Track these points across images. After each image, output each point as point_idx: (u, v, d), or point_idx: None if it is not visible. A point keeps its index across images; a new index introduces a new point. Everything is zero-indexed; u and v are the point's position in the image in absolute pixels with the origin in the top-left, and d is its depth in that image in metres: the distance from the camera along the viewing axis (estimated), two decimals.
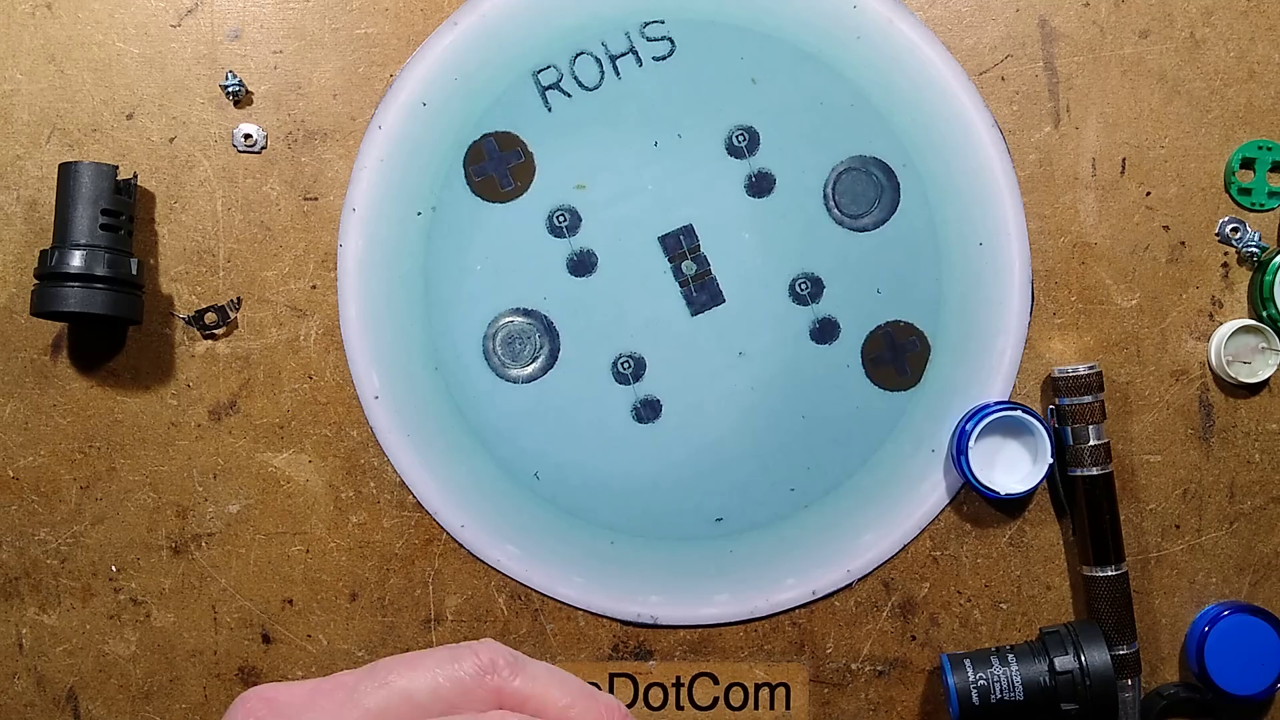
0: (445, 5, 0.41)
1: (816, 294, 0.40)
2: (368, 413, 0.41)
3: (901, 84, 0.41)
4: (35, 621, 0.41)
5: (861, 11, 0.41)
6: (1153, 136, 0.41)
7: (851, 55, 0.40)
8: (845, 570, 0.40)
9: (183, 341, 0.41)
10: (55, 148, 0.41)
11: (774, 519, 0.41)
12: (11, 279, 0.41)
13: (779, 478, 0.41)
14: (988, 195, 0.40)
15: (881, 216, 0.41)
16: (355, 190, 0.41)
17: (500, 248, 0.41)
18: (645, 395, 0.41)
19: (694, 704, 0.41)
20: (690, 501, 0.41)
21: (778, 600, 0.40)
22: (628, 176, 0.41)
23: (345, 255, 0.41)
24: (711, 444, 0.41)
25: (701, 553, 0.41)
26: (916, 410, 0.40)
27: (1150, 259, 0.41)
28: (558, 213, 0.41)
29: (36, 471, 0.41)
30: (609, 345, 0.41)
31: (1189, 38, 0.41)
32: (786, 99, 0.41)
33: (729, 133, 0.41)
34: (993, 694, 0.37)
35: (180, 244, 0.41)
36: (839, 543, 0.41)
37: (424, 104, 0.40)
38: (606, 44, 0.41)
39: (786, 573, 0.41)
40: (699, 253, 0.41)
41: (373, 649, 0.41)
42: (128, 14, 0.41)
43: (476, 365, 0.41)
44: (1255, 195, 0.40)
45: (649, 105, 0.41)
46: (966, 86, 0.40)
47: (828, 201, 0.40)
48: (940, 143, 0.41)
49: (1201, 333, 0.41)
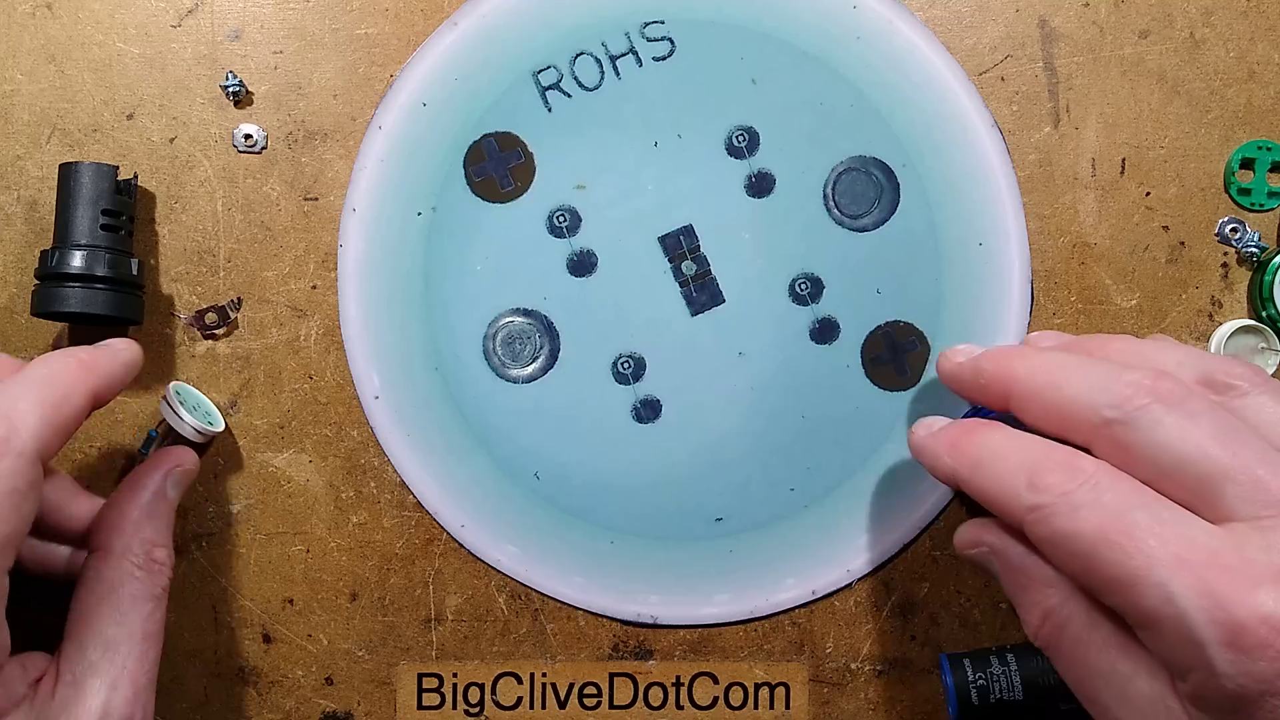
0: (445, 5, 0.41)
1: (816, 294, 0.41)
2: (368, 413, 0.41)
3: (901, 84, 0.41)
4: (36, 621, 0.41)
5: (861, 12, 0.41)
6: (1152, 137, 0.41)
7: (851, 56, 0.41)
8: (845, 570, 0.40)
9: (183, 342, 0.41)
10: (55, 148, 0.41)
11: (774, 519, 0.41)
12: (12, 279, 0.41)
13: (779, 478, 0.41)
14: (987, 195, 0.40)
15: (881, 217, 0.41)
16: (355, 190, 0.41)
17: (500, 248, 0.41)
18: (645, 395, 0.41)
19: (694, 704, 0.41)
20: (690, 501, 0.41)
21: (778, 600, 0.41)
22: (628, 177, 0.41)
23: (345, 256, 0.41)
24: (711, 444, 0.41)
25: (701, 552, 0.41)
26: (916, 410, 0.40)
27: (1150, 259, 0.41)
28: (558, 213, 0.41)
29: None
30: (609, 345, 0.41)
31: (1189, 38, 0.41)
32: (786, 99, 0.41)
33: (729, 133, 0.41)
34: (992, 694, 0.37)
35: (180, 244, 0.41)
36: (839, 543, 0.41)
37: (424, 104, 0.41)
38: (607, 44, 0.41)
39: (786, 573, 0.41)
40: (699, 253, 0.41)
41: (373, 648, 0.41)
42: (128, 14, 0.41)
43: (477, 365, 0.41)
44: (1255, 195, 0.41)
45: (649, 105, 0.41)
46: (966, 87, 0.41)
47: (827, 202, 0.40)
48: (940, 143, 0.41)
49: (1201, 333, 0.41)
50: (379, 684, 0.41)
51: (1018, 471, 0.29)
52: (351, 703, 0.41)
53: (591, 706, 0.41)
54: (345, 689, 0.41)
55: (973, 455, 0.31)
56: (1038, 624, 0.30)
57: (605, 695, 0.41)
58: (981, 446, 0.30)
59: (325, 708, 0.41)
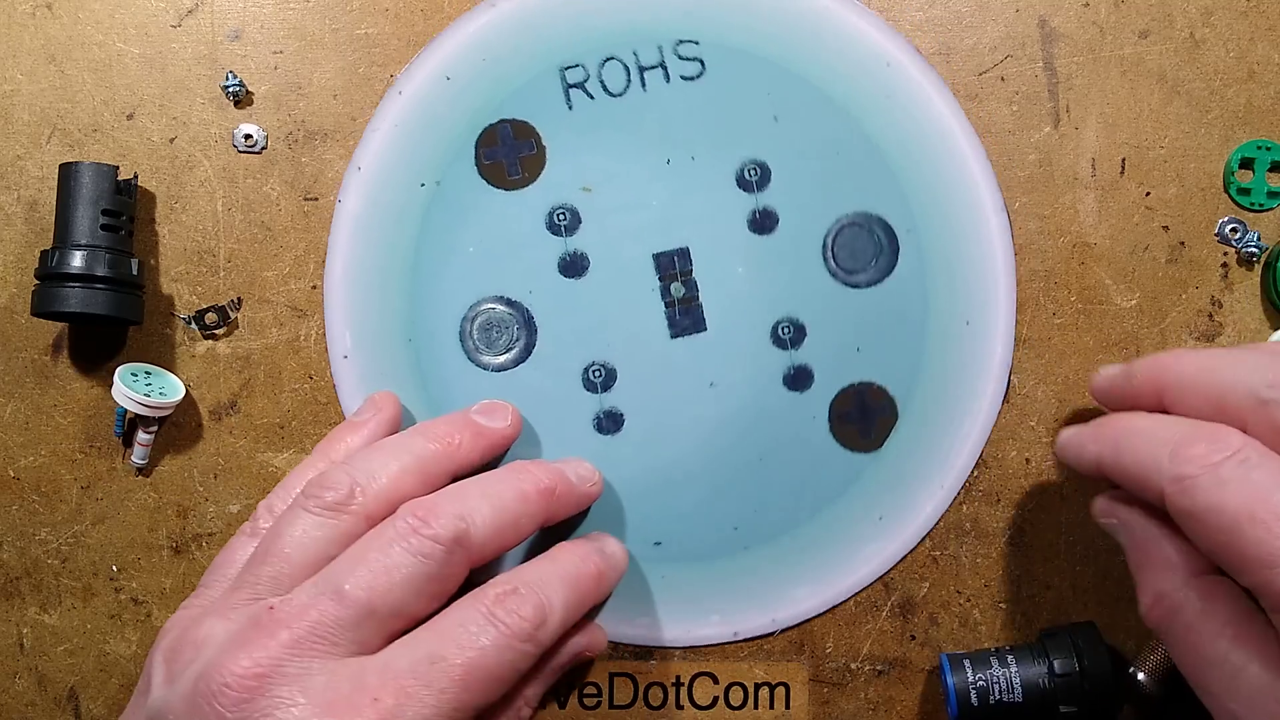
0: (445, 5, 0.41)
1: (797, 340, 0.40)
2: (334, 371, 0.40)
3: (921, 150, 0.40)
4: (36, 621, 0.41)
5: (895, 71, 0.40)
6: (1152, 137, 0.41)
7: (878, 112, 0.40)
8: (771, 619, 0.40)
9: (183, 342, 0.41)
10: (56, 148, 0.41)
11: (712, 554, 0.40)
12: (12, 279, 0.41)
13: (724, 514, 0.40)
14: (984, 277, 0.40)
15: (875, 277, 0.40)
16: (364, 149, 0.41)
17: (496, 234, 0.41)
18: (610, 407, 0.40)
19: (694, 704, 0.41)
20: (634, 520, 0.40)
21: (698, 634, 0.40)
22: (635, 188, 0.41)
23: (342, 211, 0.40)
24: (664, 467, 0.40)
25: (635, 572, 0.40)
26: (873, 475, 0.40)
27: (1150, 259, 0.41)
28: (559, 210, 0.41)
29: (37, 471, 0.41)
30: (584, 351, 0.41)
31: (1189, 38, 0.41)
32: (805, 142, 0.40)
33: (742, 164, 0.40)
34: (992, 695, 0.37)
35: (180, 244, 0.41)
36: (770, 590, 0.40)
37: (448, 78, 0.40)
38: (638, 54, 0.40)
39: (712, 609, 0.40)
40: (690, 277, 0.40)
41: None
42: (128, 14, 0.41)
43: (451, 345, 0.41)
44: (1255, 195, 0.41)
45: (668, 122, 0.40)
46: (984, 167, 0.40)
47: (826, 251, 0.40)
48: (948, 216, 0.40)
49: (1201, 333, 0.41)
50: None
51: (1163, 444, 0.28)
52: None
53: (591, 706, 0.41)
54: None
55: (1115, 435, 0.31)
56: (1150, 604, 0.30)
57: (605, 695, 0.41)
58: (1125, 426, 0.31)
59: None
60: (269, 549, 0.32)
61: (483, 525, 0.32)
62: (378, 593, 0.30)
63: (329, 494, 0.33)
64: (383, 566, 0.31)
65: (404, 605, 0.31)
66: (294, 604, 0.30)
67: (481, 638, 0.30)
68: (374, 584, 0.30)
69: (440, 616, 0.31)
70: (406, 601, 0.31)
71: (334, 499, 0.32)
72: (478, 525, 0.32)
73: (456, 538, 0.31)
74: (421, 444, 0.35)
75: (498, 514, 0.33)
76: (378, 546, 0.31)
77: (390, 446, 0.35)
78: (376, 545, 0.31)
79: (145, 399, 0.38)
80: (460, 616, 0.31)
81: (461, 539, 0.32)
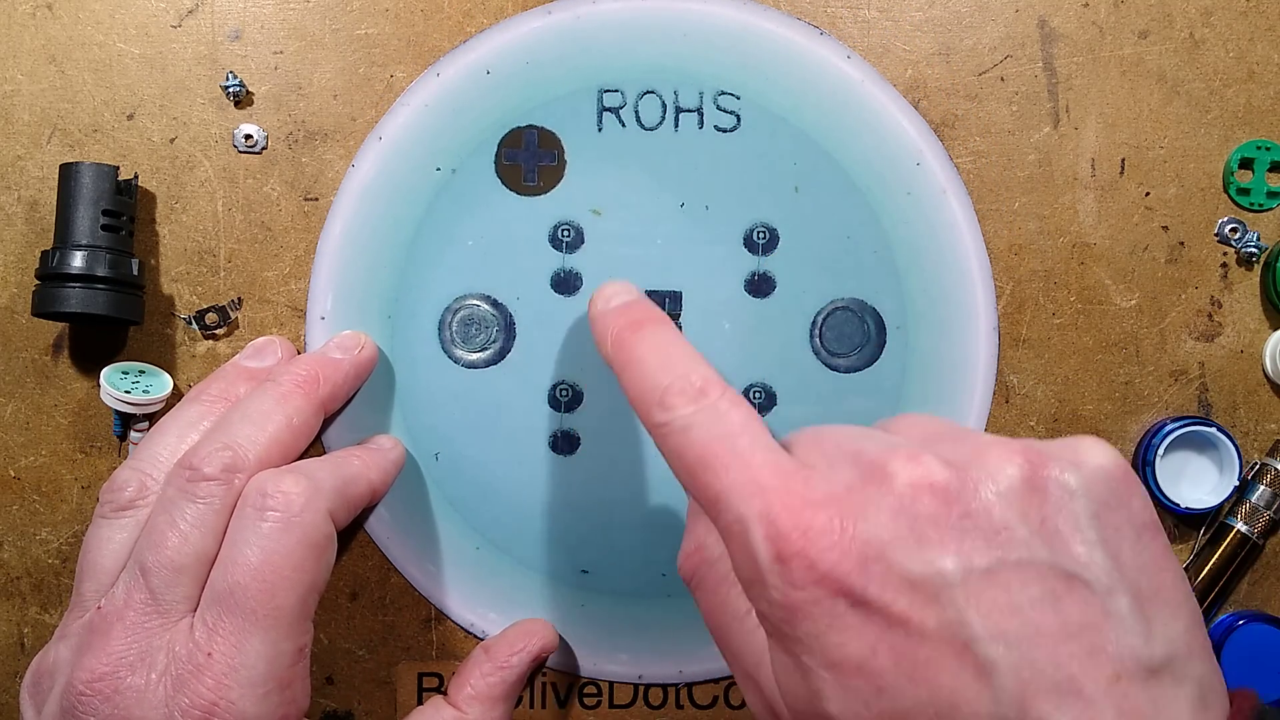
0: (446, 5, 0.41)
1: (767, 407, 0.40)
2: (308, 329, 0.41)
3: (929, 254, 0.40)
4: (37, 621, 0.41)
5: (922, 171, 0.40)
6: (1152, 137, 0.41)
7: (896, 207, 0.40)
8: (679, 670, 0.41)
9: (184, 342, 0.41)
10: (56, 148, 0.41)
11: (634, 594, 0.41)
12: (12, 279, 0.41)
13: (655, 558, 0.41)
14: (964, 391, 0.41)
15: (857, 364, 0.40)
16: (389, 122, 0.41)
17: (498, 234, 0.41)
18: (569, 428, 0.41)
19: (694, 704, 0.41)
20: (568, 541, 0.41)
21: (604, 669, 0.41)
22: (644, 222, 0.41)
23: (353, 175, 0.40)
24: (609, 498, 0.41)
25: (558, 594, 0.41)
26: None
27: (1149, 259, 0.41)
28: (565, 226, 0.41)
29: (37, 471, 0.41)
30: (556, 368, 0.41)
31: (1188, 38, 0.41)
32: (819, 218, 0.40)
33: (753, 225, 0.40)
34: None
35: (181, 244, 0.41)
36: (681, 642, 0.41)
37: (488, 72, 0.40)
38: (679, 94, 0.41)
39: (622, 647, 0.41)
40: (677, 322, 0.40)
41: (374, 648, 0.41)
42: (128, 14, 0.41)
43: (428, 331, 0.41)
44: (1254, 195, 0.41)
45: (692, 167, 0.41)
46: (986, 281, 0.41)
47: (814, 328, 0.40)
48: (941, 323, 0.41)
49: (1201, 332, 0.41)
50: (379, 683, 0.41)
51: (655, 389, 0.30)
52: (352, 702, 0.41)
53: (592, 706, 0.41)
54: (345, 688, 0.41)
55: (627, 355, 0.32)
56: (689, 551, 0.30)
57: (605, 695, 0.41)
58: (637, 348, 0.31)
59: (326, 707, 0.41)
60: (83, 566, 0.34)
61: (249, 442, 0.34)
62: (178, 552, 0.32)
63: (119, 495, 0.34)
64: (172, 527, 0.32)
65: (207, 549, 0.32)
66: (116, 599, 0.32)
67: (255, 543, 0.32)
68: (170, 546, 0.32)
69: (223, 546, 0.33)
70: (207, 545, 0.32)
71: (127, 498, 0.34)
72: (243, 445, 0.34)
73: (227, 466, 0.33)
74: (196, 411, 0.36)
75: (261, 426, 0.34)
76: (161, 511, 0.33)
77: (169, 424, 0.36)
78: (160, 511, 0.33)
79: (127, 396, 0.38)
80: (233, 537, 0.32)
81: (232, 464, 0.33)
